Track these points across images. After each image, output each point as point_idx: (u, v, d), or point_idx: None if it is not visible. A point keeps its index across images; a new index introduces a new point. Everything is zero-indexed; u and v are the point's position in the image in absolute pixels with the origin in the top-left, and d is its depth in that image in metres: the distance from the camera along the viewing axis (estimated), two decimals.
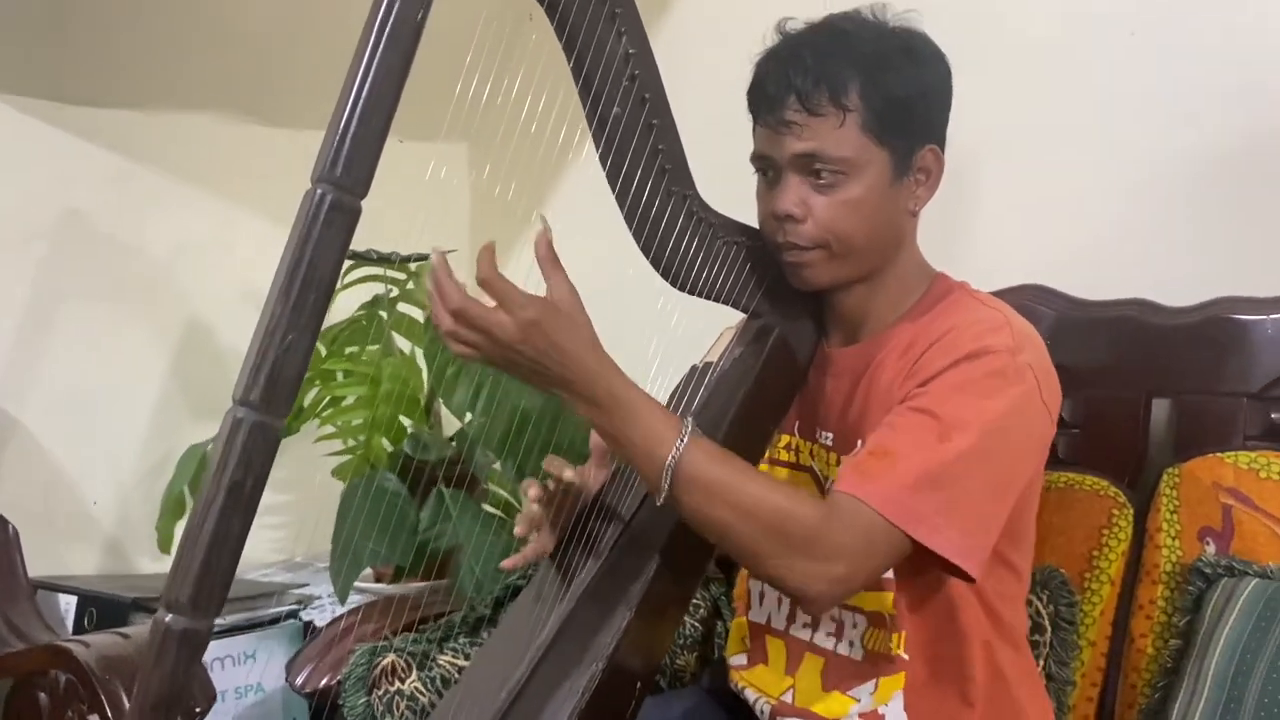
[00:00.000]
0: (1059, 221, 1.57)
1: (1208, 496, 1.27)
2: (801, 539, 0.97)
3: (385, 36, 0.91)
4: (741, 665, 1.25)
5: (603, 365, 0.97)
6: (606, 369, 0.97)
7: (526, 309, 0.93)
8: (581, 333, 0.96)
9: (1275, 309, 1.33)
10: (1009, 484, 1.04)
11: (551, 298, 0.96)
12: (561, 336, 0.94)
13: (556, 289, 0.96)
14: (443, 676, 1.27)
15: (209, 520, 0.86)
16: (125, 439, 1.97)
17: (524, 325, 0.93)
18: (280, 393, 0.89)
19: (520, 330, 0.93)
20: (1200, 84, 1.46)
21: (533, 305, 0.93)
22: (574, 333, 0.96)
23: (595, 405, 0.97)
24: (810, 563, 0.97)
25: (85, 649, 1.28)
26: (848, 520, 0.97)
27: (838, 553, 0.97)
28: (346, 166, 0.90)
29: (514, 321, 0.93)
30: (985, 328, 1.06)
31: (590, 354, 0.96)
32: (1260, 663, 1.10)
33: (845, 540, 0.97)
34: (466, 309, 0.93)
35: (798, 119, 1.06)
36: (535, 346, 0.94)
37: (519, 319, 0.93)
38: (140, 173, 1.96)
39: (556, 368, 0.95)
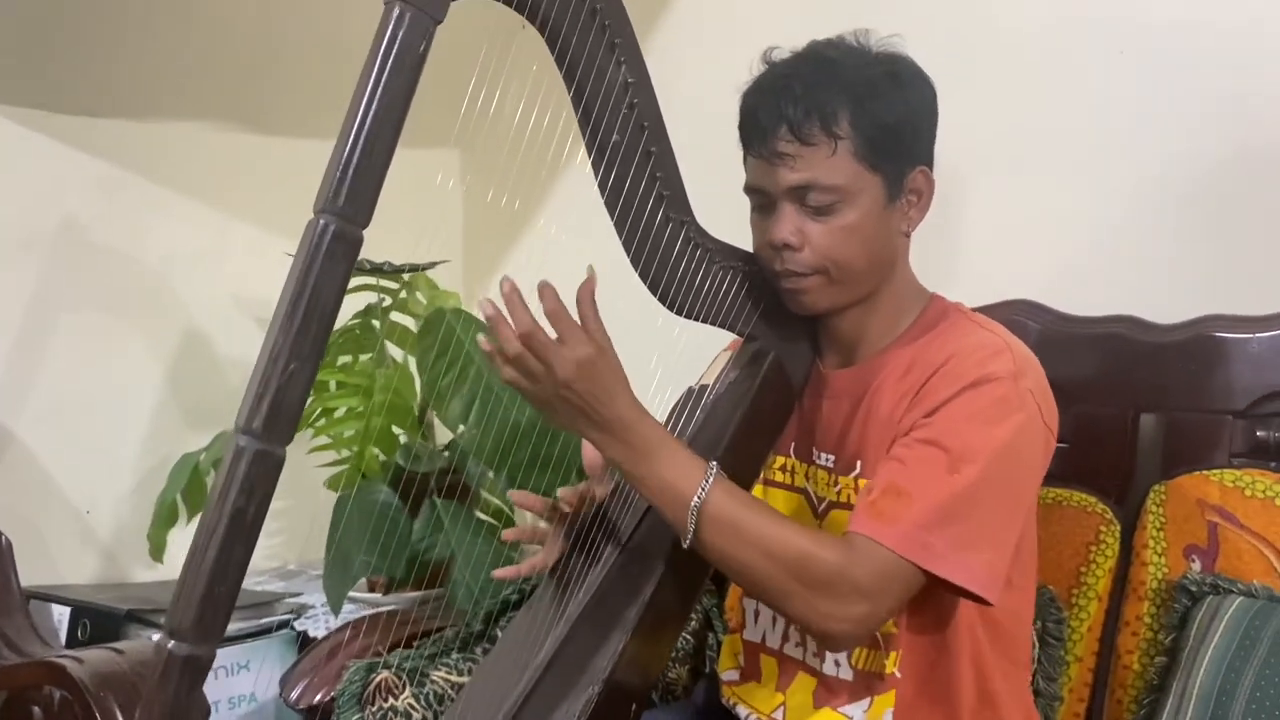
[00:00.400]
0: (1048, 237, 1.58)
1: (1193, 514, 1.29)
2: (823, 580, 0.99)
3: (389, 66, 0.92)
4: (734, 681, 1.26)
5: (637, 410, 1.02)
6: (640, 414, 1.02)
7: (585, 346, 0.97)
8: (621, 379, 1.01)
9: (1259, 327, 1.34)
10: (1017, 507, 1.06)
11: (594, 336, 0.99)
12: (609, 378, 0.99)
13: (597, 330, 1.00)
14: (436, 692, 1.28)
15: (212, 547, 0.87)
16: (118, 448, 1.98)
17: (581, 363, 0.97)
18: (282, 421, 0.89)
19: (577, 368, 0.97)
20: (1189, 103, 1.47)
21: (589, 344, 0.97)
22: (617, 377, 1.00)
23: (629, 448, 1.01)
24: (832, 603, 0.99)
25: (79, 665, 1.29)
26: (866, 561, 0.99)
27: (859, 593, 0.99)
28: (349, 197, 0.91)
29: (573, 357, 0.96)
30: (987, 354, 1.07)
31: (627, 399, 1.01)
32: (1244, 681, 1.12)
33: (865, 581, 0.99)
34: (535, 335, 0.97)
35: (790, 150, 1.08)
36: (586, 386, 0.98)
37: (578, 355, 0.97)
38: (135, 182, 1.96)
39: (600, 409, 0.99)
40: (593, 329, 0.99)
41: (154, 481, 1.97)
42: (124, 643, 1.43)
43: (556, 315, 0.96)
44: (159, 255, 2.01)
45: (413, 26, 0.92)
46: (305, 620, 1.81)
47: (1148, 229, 1.51)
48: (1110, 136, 1.53)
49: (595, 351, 0.97)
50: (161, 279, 2.02)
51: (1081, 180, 1.56)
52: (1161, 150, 1.49)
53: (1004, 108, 1.60)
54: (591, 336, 0.98)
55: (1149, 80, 1.50)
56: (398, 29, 0.92)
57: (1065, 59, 1.57)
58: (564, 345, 0.96)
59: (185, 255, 2.04)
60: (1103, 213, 1.54)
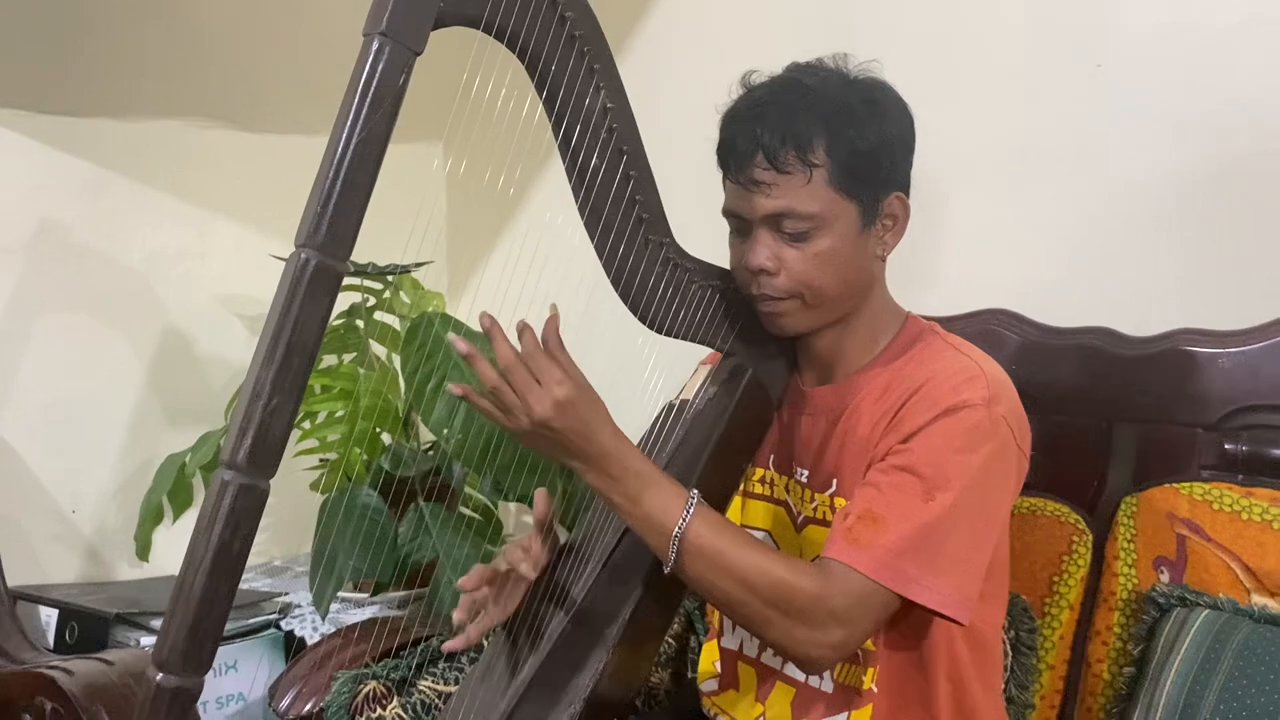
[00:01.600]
0: (1027, 247, 1.60)
1: (1163, 526, 1.31)
2: (800, 608, 1.01)
3: (369, 99, 0.92)
4: (713, 691, 1.29)
5: (618, 442, 1.03)
6: (622, 445, 1.03)
7: (564, 386, 0.98)
8: (601, 412, 1.02)
9: (1230, 342, 1.37)
10: (990, 531, 1.08)
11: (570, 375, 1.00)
12: (588, 413, 1.01)
13: (572, 370, 1.01)
14: (422, 702, 1.31)
15: (198, 581, 0.89)
16: (102, 447, 1.98)
17: (559, 403, 0.98)
18: (266, 455, 0.91)
19: (555, 407, 0.98)
20: (1166, 117, 1.49)
21: (568, 384, 0.99)
22: (597, 411, 1.02)
23: (611, 478, 1.03)
24: (809, 630, 1.01)
25: (69, 677, 1.30)
26: (842, 588, 1.01)
27: (835, 619, 1.01)
28: (330, 231, 0.92)
29: (551, 397, 0.98)
30: (962, 380, 1.09)
31: (608, 432, 1.02)
32: (1209, 695, 1.15)
33: (841, 608, 1.01)
34: (515, 371, 0.98)
35: (766, 178, 1.09)
36: (565, 424, 0.99)
37: (556, 395, 0.98)
38: (116, 181, 1.96)
39: (580, 444, 1.01)
40: (567, 369, 1.00)
41: (138, 481, 1.98)
42: (112, 652, 1.45)
43: (533, 356, 0.98)
44: (141, 255, 2.01)
45: (392, 60, 0.93)
46: (292, 620, 1.83)
47: (1124, 241, 1.52)
48: (1088, 149, 1.55)
49: (573, 390, 0.99)
50: (144, 279, 2.02)
51: (1060, 192, 1.57)
52: (1139, 163, 1.51)
53: (983, 119, 1.62)
54: (568, 375, 0.99)
55: (1126, 94, 1.51)
56: (377, 62, 0.93)
57: (1044, 73, 1.58)
58: (542, 386, 0.98)
59: (168, 255, 2.04)
60: (1080, 224, 1.56)
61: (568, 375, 0.99)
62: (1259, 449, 1.33)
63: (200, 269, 2.09)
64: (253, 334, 2.17)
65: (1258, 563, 1.25)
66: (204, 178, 2.06)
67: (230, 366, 2.12)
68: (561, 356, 1.01)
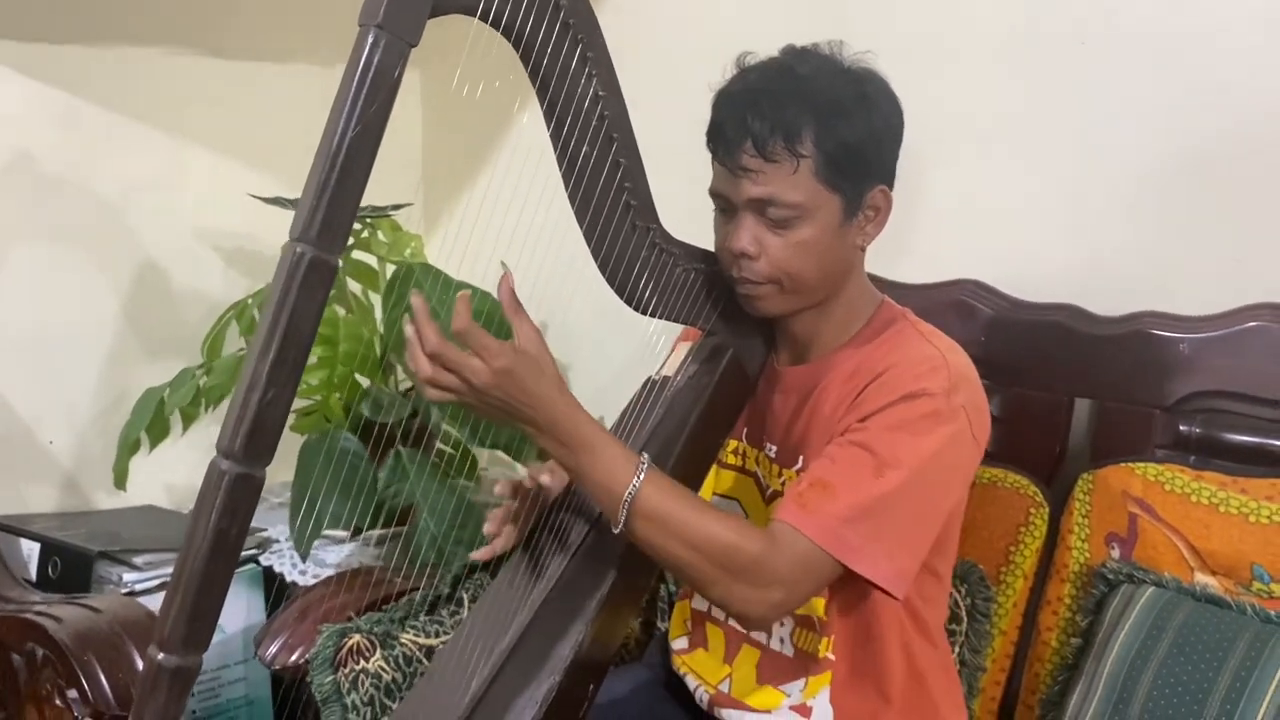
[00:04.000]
0: (1001, 221, 1.62)
1: (1117, 504, 1.37)
2: (744, 568, 1.05)
3: (364, 92, 0.92)
4: (683, 649, 1.35)
5: (568, 406, 1.04)
6: (571, 409, 1.04)
7: (500, 357, 0.99)
8: (548, 377, 1.03)
9: (1192, 328, 1.41)
10: (936, 513, 1.13)
11: (519, 344, 1.01)
12: (531, 382, 1.01)
13: (523, 334, 1.03)
14: (405, 654, 1.36)
15: (196, 565, 0.92)
16: (80, 379, 1.99)
17: (498, 373, 0.99)
18: (262, 444, 0.93)
19: (494, 377, 0.99)
20: (1147, 98, 1.50)
21: (505, 354, 0.99)
22: (541, 377, 1.02)
23: (560, 444, 1.04)
24: (751, 589, 1.05)
25: (59, 625, 1.33)
26: (786, 549, 1.05)
27: (777, 580, 1.05)
28: (324, 225, 0.92)
29: (488, 369, 0.99)
30: (925, 368, 1.12)
31: (557, 397, 1.03)
32: (1148, 670, 1.22)
33: (784, 569, 1.05)
34: (444, 353, 0.99)
35: (753, 165, 1.10)
36: (507, 392, 1.00)
37: (493, 367, 0.99)
38: (89, 110, 1.93)
39: (527, 410, 1.02)
40: (521, 331, 1.02)
41: (115, 411, 2.00)
42: (100, 598, 1.48)
43: (466, 333, 0.98)
44: (116, 186, 1.99)
45: (388, 51, 0.93)
46: (271, 556, 1.88)
47: (1097, 220, 1.55)
48: (1068, 126, 1.56)
49: (512, 360, 0.99)
50: (119, 210, 2.00)
51: (1037, 168, 1.59)
52: (1117, 144, 1.52)
53: (965, 91, 1.62)
54: (505, 346, 0.99)
55: (1108, 73, 1.52)
56: (373, 54, 0.93)
57: (1027, 48, 1.58)
58: (478, 358, 0.98)
59: (143, 185, 2.02)
60: (1055, 201, 1.58)
61: (506, 346, 0.99)
62: (1211, 432, 1.38)
63: (175, 200, 2.07)
64: (228, 265, 2.17)
65: (1203, 543, 1.31)
66: (178, 106, 2.03)
67: (206, 297, 2.12)
68: (519, 319, 1.02)
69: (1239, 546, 1.29)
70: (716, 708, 1.27)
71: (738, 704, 1.25)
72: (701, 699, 1.29)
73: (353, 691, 1.31)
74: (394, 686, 1.33)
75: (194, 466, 2.13)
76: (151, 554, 1.76)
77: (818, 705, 1.21)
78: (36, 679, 1.35)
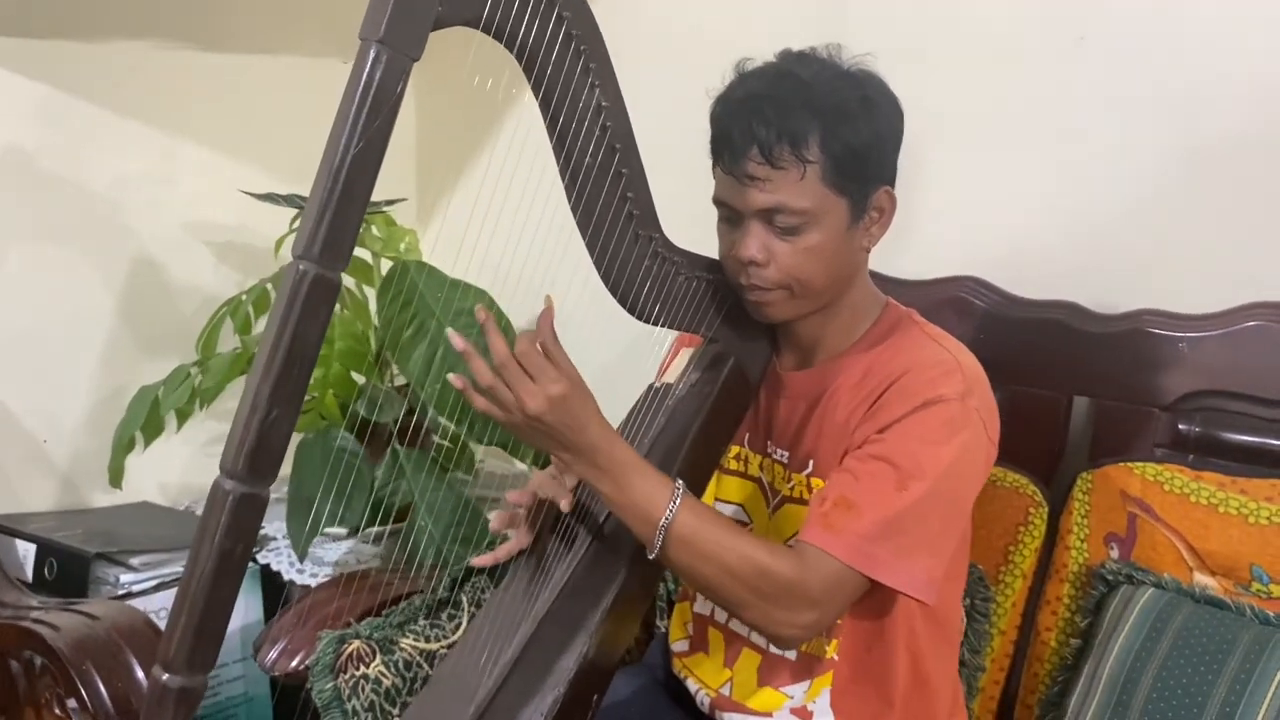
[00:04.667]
0: (1000, 217, 1.62)
1: (1116, 504, 1.38)
2: (777, 592, 1.06)
3: (366, 109, 0.91)
4: (684, 652, 1.35)
5: (607, 435, 1.06)
6: (610, 438, 1.06)
7: (558, 384, 1.01)
8: (591, 406, 1.05)
9: (1191, 327, 1.41)
10: (959, 516, 1.14)
11: (564, 371, 1.03)
12: (580, 409, 1.04)
13: (565, 365, 1.04)
14: (405, 659, 1.36)
15: (202, 586, 0.91)
16: (74, 376, 1.98)
17: (553, 399, 1.01)
18: (265, 464, 0.92)
19: (549, 402, 1.01)
20: (1146, 94, 1.49)
21: (562, 382, 1.02)
22: (587, 406, 1.05)
23: (599, 470, 1.06)
24: (785, 612, 1.07)
25: (55, 633, 1.33)
26: (817, 572, 1.06)
27: (809, 602, 1.07)
28: (327, 242, 0.91)
29: (544, 393, 1.01)
30: (939, 373, 1.12)
31: (598, 426, 1.05)
32: (1148, 672, 1.23)
33: (816, 591, 1.07)
34: (509, 367, 1.01)
35: (760, 173, 1.10)
36: (558, 418, 1.02)
37: (550, 393, 1.01)
38: (78, 106, 1.91)
39: (571, 437, 1.04)
40: (560, 364, 1.02)
41: (110, 409, 1.98)
42: (97, 604, 1.47)
43: (527, 355, 1.01)
44: (106, 181, 1.97)
45: (390, 67, 0.92)
46: (269, 554, 1.87)
47: (1097, 216, 1.55)
48: (1067, 122, 1.56)
49: (566, 387, 1.01)
50: (110, 206, 1.98)
51: (1036, 163, 1.59)
52: (1116, 140, 1.52)
53: (965, 86, 1.61)
54: (562, 371, 1.02)
55: (1108, 69, 1.52)
56: (375, 70, 0.91)
57: (1026, 41, 1.58)
58: (536, 381, 1.00)
59: (133, 180, 2.00)
60: (1054, 197, 1.58)
61: (561, 372, 1.02)
62: (1210, 431, 1.39)
63: (167, 194, 2.05)
64: (220, 259, 2.15)
65: (1201, 544, 1.32)
66: (167, 100, 2.01)
67: (199, 292, 2.10)
68: (555, 351, 1.03)
69: (1238, 547, 1.30)
70: (717, 711, 1.27)
71: (739, 707, 1.26)
72: (702, 703, 1.29)
73: (353, 697, 1.31)
74: (394, 692, 1.34)
75: (189, 462, 2.15)
76: (148, 554, 1.75)
77: (818, 708, 1.22)
78: (35, 687, 1.35)
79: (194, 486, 2.15)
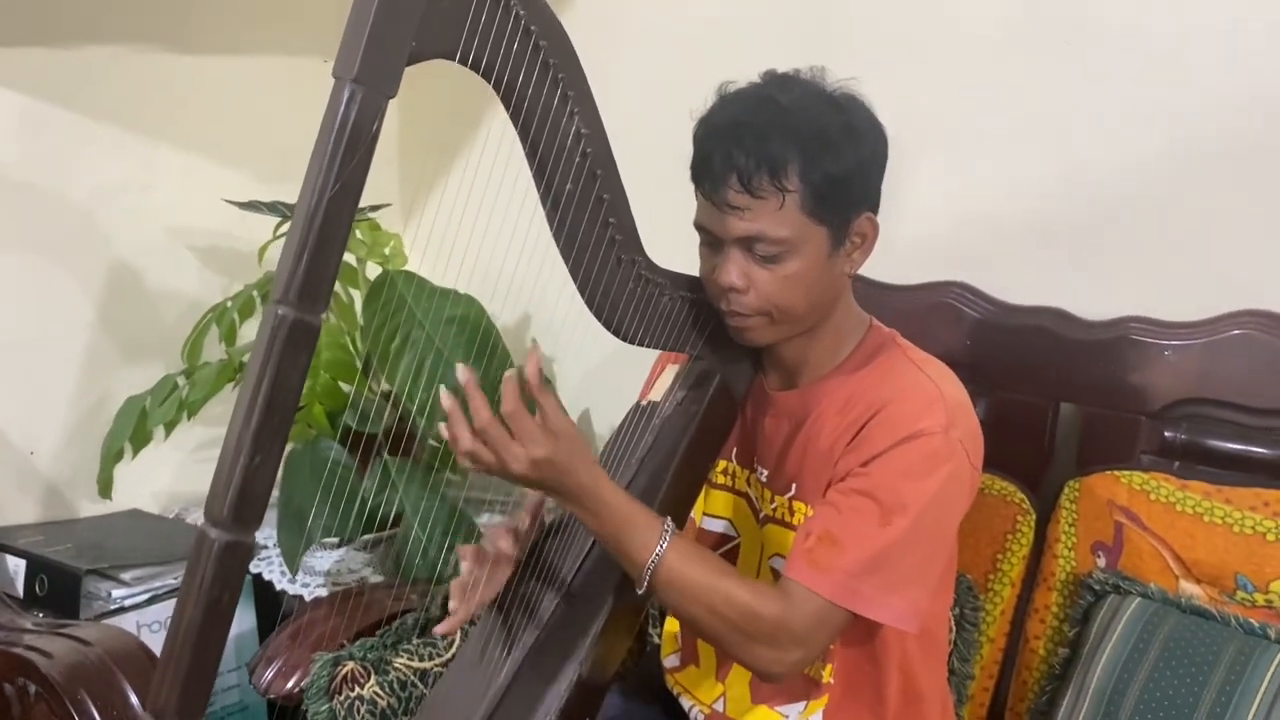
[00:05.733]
0: (986, 221, 1.61)
1: (1103, 513, 1.38)
2: (762, 632, 1.07)
3: (342, 149, 0.90)
4: (675, 667, 1.36)
5: (595, 479, 1.06)
6: (597, 481, 1.06)
7: (542, 447, 1.01)
8: (579, 453, 1.05)
9: (1177, 335, 1.41)
10: (941, 548, 1.14)
11: (551, 424, 1.02)
12: (565, 462, 1.03)
13: (552, 415, 1.03)
14: (399, 679, 1.36)
15: (190, 634, 0.91)
16: (58, 387, 1.97)
17: (536, 461, 1.02)
18: (250, 512, 0.92)
19: (533, 465, 1.02)
20: (1133, 100, 1.48)
21: (546, 444, 1.02)
22: (573, 456, 1.04)
23: (587, 512, 1.07)
24: (770, 650, 1.08)
25: (49, 660, 1.33)
26: (802, 610, 1.07)
27: (794, 640, 1.07)
28: (305, 286, 0.91)
29: (528, 457, 1.01)
30: (922, 405, 1.12)
31: (585, 471, 1.05)
32: (1135, 683, 1.24)
33: (800, 629, 1.07)
34: (489, 432, 1.00)
35: (740, 201, 1.09)
36: (542, 474, 1.03)
37: (533, 455, 1.01)
38: (54, 114, 1.89)
39: (559, 488, 1.05)
40: (549, 416, 1.02)
41: (95, 418, 1.98)
42: (90, 628, 1.47)
43: (513, 416, 1.00)
44: (85, 190, 1.96)
45: (365, 106, 0.90)
46: (259, 563, 1.87)
47: (1083, 222, 1.54)
48: (1054, 128, 1.54)
49: (550, 449, 1.01)
50: (89, 214, 1.97)
51: (1023, 168, 1.57)
52: (1102, 146, 1.51)
53: (951, 89, 1.60)
54: (548, 428, 1.01)
55: (1094, 74, 1.50)
56: (349, 109, 0.90)
57: (1012, 46, 1.56)
58: (520, 444, 1.00)
59: (112, 188, 1.98)
60: (1040, 202, 1.56)
61: (545, 432, 1.01)
62: (1196, 439, 1.39)
63: (147, 201, 2.03)
64: (204, 265, 2.14)
65: (1187, 553, 1.33)
66: (144, 106, 1.99)
67: (182, 299, 2.09)
68: (543, 400, 1.03)
69: (1223, 556, 1.30)
70: None
71: None
72: (697, 719, 1.30)
73: (349, 718, 1.31)
74: (389, 712, 1.34)
75: (178, 470, 2.14)
76: (139, 569, 1.75)
77: None
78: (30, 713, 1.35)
79: (183, 493, 2.15)
